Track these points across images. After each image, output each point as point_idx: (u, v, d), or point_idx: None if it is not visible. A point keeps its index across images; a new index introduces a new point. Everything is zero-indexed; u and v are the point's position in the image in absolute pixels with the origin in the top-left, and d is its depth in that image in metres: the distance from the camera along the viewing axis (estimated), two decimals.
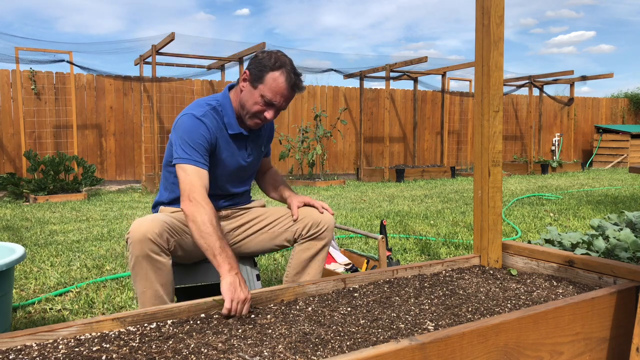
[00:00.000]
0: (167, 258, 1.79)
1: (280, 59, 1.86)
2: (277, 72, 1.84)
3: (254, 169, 2.14)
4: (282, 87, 1.85)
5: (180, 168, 1.83)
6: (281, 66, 1.85)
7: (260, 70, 1.85)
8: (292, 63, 1.90)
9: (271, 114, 1.90)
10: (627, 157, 12.65)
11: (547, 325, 1.45)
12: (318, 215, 2.02)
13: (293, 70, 1.87)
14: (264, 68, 1.85)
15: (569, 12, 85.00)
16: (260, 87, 1.85)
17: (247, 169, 2.08)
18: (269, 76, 1.84)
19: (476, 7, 2.06)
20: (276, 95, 1.86)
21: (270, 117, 1.90)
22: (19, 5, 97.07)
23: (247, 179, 2.14)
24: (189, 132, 1.85)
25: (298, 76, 1.89)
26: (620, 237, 2.73)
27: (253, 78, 1.87)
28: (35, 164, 6.87)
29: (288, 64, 1.87)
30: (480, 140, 2.09)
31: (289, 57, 1.91)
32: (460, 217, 5.12)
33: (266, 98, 1.86)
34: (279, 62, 1.85)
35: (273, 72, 1.84)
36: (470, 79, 11.35)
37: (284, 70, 1.85)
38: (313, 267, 2.01)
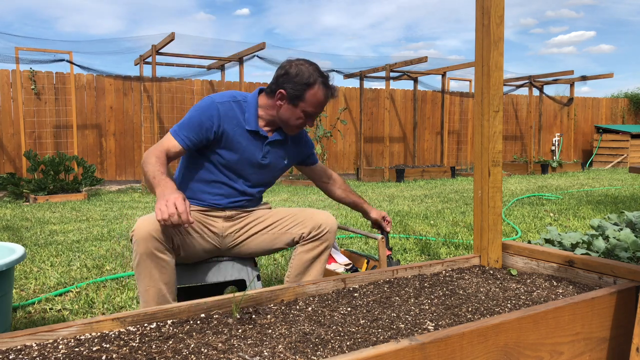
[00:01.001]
0: (170, 256, 1.80)
1: (312, 74, 1.94)
2: (314, 87, 1.94)
3: (270, 175, 2.13)
4: (322, 100, 1.98)
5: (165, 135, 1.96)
6: (316, 80, 1.94)
7: (297, 89, 1.94)
8: (319, 69, 1.98)
9: (311, 122, 2.04)
10: (627, 157, 12.65)
11: (547, 325, 1.45)
12: (320, 217, 2.01)
13: (325, 79, 1.97)
14: (302, 86, 1.93)
15: (569, 12, 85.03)
16: (301, 104, 1.95)
17: (261, 171, 2.07)
18: (308, 94, 1.94)
19: (476, 7, 2.06)
20: (317, 107, 1.99)
21: (310, 125, 2.07)
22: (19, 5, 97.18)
23: (261, 182, 2.11)
24: (197, 110, 1.95)
25: (329, 81, 1.99)
26: (620, 237, 2.73)
27: (291, 97, 1.95)
28: (35, 164, 6.87)
29: (319, 75, 1.95)
30: (480, 140, 2.09)
31: (314, 65, 1.98)
32: (460, 217, 5.12)
33: (308, 112, 1.98)
34: (312, 76, 1.94)
35: (311, 89, 1.94)
36: (470, 79, 11.36)
37: (320, 84, 1.95)
38: (314, 269, 2.00)
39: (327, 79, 1.98)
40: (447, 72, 10.77)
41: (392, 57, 11.18)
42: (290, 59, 1.99)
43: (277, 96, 1.97)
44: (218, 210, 2.04)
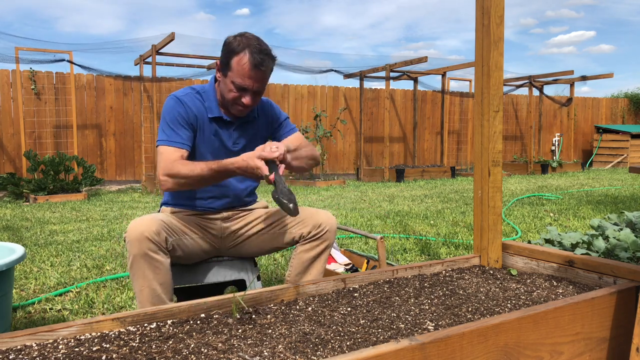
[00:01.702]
0: (165, 257, 1.79)
1: (243, 41, 1.82)
2: (240, 54, 1.80)
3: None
4: (247, 69, 1.81)
5: (158, 151, 1.88)
6: (244, 48, 1.80)
7: (226, 57, 1.84)
8: (260, 41, 1.84)
9: (248, 99, 1.87)
10: (627, 157, 12.65)
11: (547, 325, 1.45)
12: (320, 216, 1.99)
13: (258, 49, 1.81)
14: (229, 54, 1.83)
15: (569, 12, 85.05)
16: (229, 74, 1.84)
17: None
18: (233, 61, 1.82)
19: (476, 7, 2.06)
20: (245, 78, 1.82)
21: (248, 102, 1.87)
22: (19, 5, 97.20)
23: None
24: (169, 112, 1.90)
25: (264, 54, 1.82)
26: (620, 237, 2.73)
27: (222, 66, 1.87)
28: (35, 164, 6.87)
29: (253, 44, 1.81)
30: (480, 140, 2.09)
31: (255, 38, 1.85)
32: (460, 217, 5.12)
33: (236, 84, 1.83)
34: (242, 44, 1.81)
35: (237, 56, 1.81)
36: (470, 79, 11.35)
37: (246, 52, 1.80)
38: (315, 269, 2.00)
39: (261, 48, 1.82)
40: (447, 72, 10.77)
41: (392, 57, 11.18)
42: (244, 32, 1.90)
43: (216, 67, 1.92)
44: (214, 212, 2.03)
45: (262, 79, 1.86)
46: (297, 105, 10.40)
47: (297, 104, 10.41)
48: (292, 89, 10.39)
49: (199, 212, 2.02)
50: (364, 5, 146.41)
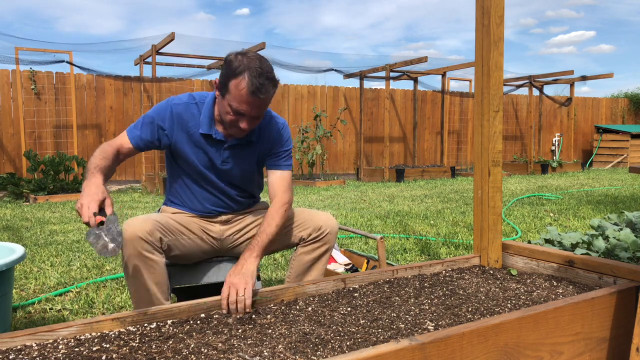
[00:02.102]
0: (159, 256, 1.79)
1: (243, 63, 1.70)
2: (238, 78, 1.69)
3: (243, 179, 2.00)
4: (244, 94, 1.70)
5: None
6: (243, 71, 1.69)
7: (224, 78, 1.74)
8: (262, 63, 1.72)
9: (245, 124, 1.77)
10: (627, 157, 12.65)
11: (547, 325, 1.45)
12: (320, 219, 1.97)
13: (259, 72, 1.69)
14: (227, 75, 1.72)
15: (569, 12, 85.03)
16: (227, 96, 1.74)
17: (229, 176, 1.97)
18: (232, 84, 1.71)
19: (476, 7, 2.06)
20: (241, 104, 1.72)
21: (245, 127, 1.77)
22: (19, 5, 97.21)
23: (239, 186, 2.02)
24: (155, 111, 1.89)
25: (265, 79, 1.70)
26: (620, 237, 2.73)
27: (220, 86, 1.77)
28: (35, 164, 6.87)
29: (253, 67, 1.69)
30: (480, 140, 2.09)
31: (257, 59, 1.73)
32: (460, 217, 5.12)
33: (233, 108, 1.74)
34: (242, 66, 1.70)
35: (235, 79, 1.70)
36: (470, 79, 11.35)
37: (245, 76, 1.68)
38: (315, 271, 1.99)
39: (261, 72, 1.69)
40: (447, 72, 10.77)
41: (392, 57, 11.17)
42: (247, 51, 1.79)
43: (215, 86, 1.82)
44: (214, 216, 2.03)
45: (260, 105, 1.75)
46: (297, 105, 10.40)
47: (297, 104, 10.41)
48: (292, 89, 10.39)
49: (198, 215, 2.01)
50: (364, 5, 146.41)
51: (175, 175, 2.01)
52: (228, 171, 1.95)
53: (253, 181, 2.07)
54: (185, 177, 1.97)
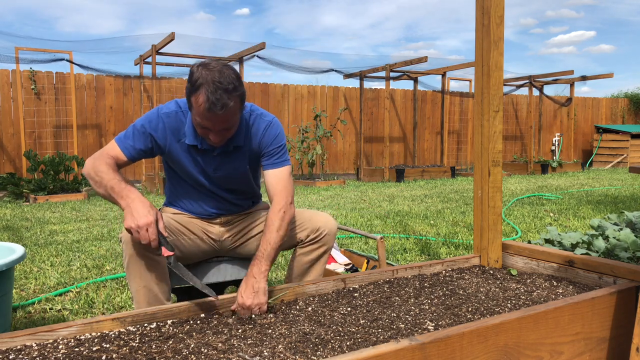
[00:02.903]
0: (161, 256, 1.79)
1: (202, 76, 1.62)
2: (197, 93, 1.62)
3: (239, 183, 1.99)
4: (202, 111, 1.63)
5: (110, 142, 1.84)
6: (200, 85, 1.61)
7: (187, 92, 1.69)
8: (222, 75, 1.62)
9: (214, 137, 1.72)
10: (627, 157, 12.66)
11: (547, 325, 1.45)
12: (319, 220, 1.96)
13: (215, 87, 1.60)
14: (189, 90, 1.66)
15: (569, 12, 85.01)
16: (192, 111, 1.70)
17: (223, 181, 1.95)
18: (192, 99, 1.66)
19: (476, 7, 2.06)
20: (203, 119, 1.66)
21: (215, 139, 1.73)
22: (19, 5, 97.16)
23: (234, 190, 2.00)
24: (145, 119, 1.84)
25: (223, 91, 1.61)
26: (620, 237, 2.73)
27: (188, 101, 1.71)
28: (35, 164, 6.87)
29: (210, 81, 1.60)
30: (480, 140, 2.09)
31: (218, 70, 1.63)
32: (460, 217, 5.12)
33: (198, 122, 1.69)
34: (200, 79, 1.61)
35: (194, 95, 1.64)
36: (470, 79, 11.35)
37: (202, 91, 1.61)
38: (314, 272, 1.98)
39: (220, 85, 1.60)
40: (447, 72, 10.77)
41: (392, 57, 11.17)
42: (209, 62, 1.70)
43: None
44: (213, 218, 2.02)
45: (222, 120, 1.67)
46: (297, 105, 10.40)
47: (297, 104, 10.40)
48: (292, 89, 10.39)
49: (198, 216, 2.01)
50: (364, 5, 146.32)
51: (173, 179, 2.01)
52: (221, 178, 1.93)
53: (249, 183, 2.04)
54: (183, 182, 1.97)
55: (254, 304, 1.60)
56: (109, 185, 1.67)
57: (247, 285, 1.63)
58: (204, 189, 1.96)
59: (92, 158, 1.77)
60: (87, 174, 1.75)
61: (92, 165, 1.74)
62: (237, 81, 1.67)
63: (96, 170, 1.72)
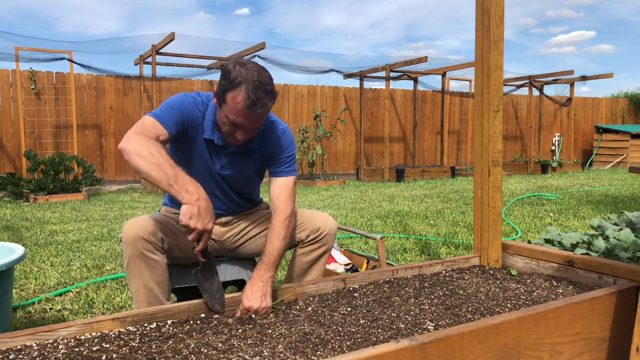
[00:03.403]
0: (161, 256, 1.79)
1: (241, 74, 1.65)
2: (235, 90, 1.65)
3: (243, 184, 2.00)
4: (240, 108, 1.66)
5: (142, 119, 1.73)
6: (240, 83, 1.64)
7: (221, 89, 1.70)
8: (261, 75, 1.67)
9: (242, 135, 1.75)
10: (627, 157, 12.65)
11: (547, 325, 1.45)
12: (318, 220, 1.96)
13: (256, 86, 1.64)
14: (225, 86, 1.68)
15: (569, 12, 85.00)
16: (224, 107, 1.70)
17: (228, 181, 1.95)
18: (228, 96, 1.67)
19: (476, 7, 2.06)
20: (237, 116, 1.68)
21: (242, 137, 1.75)
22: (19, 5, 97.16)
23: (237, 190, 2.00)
24: (174, 100, 1.79)
25: (262, 92, 1.65)
26: (620, 237, 2.73)
27: (218, 97, 1.73)
28: (35, 164, 6.87)
29: (250, 79, 1.64)
30: (480, 140, 2.09)
31: (256, 70, 1.68)
32: (460, 217, 5.12)
33: (230, 119, 1.71)
34: (240, 77, 1.65)
35: (232, 92, 1.66)
36: (470, 79, 11.35)
37: (242, 89, 1.64)
38: (314, 272, 1.99)
39: (259, 85, 1.64)
40: (447, 72, 10.77)
41: (392, 57, 11.18)
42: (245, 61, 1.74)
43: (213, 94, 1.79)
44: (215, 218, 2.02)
45: (257, 119, 1.72)
46: (297, 105, 10.40)
47: (297, 104, 10.40)
48: (292, 89, 10.39)
49: None
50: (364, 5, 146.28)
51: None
52: (227, 176, 1.93)
53: (253, 186, 2.06)
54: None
55: (261, 308, 1.61)
56: (171, 173, 1.58)
57: (253, 290, 1.64)
58: (207, 186, 1.95)
59: (139, 134, 1.65)
60: (137, 152, 1.60)
61: (143, 143, 1.61)
62: (272, 82, 1.72)
63: (150, 150, 1.59)
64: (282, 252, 1.79)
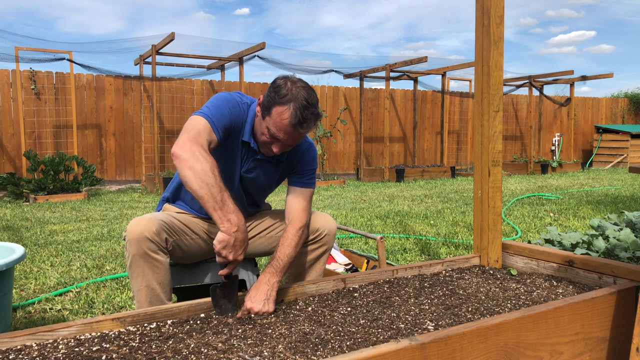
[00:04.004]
0: (164, 257, 1.79)
1: (292, 92, 1.70)
2: (284, 106, 1.69)
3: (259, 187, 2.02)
4: (285, 124, 1.70)
5: (192, 119, 1.71)
6: (289, 101, 1.69)
7: (269, 101, 1.73)
8: (309, 95, 1.72)
9: (278, 149, 1.78)
10: (627, 157, 12.66)
11: (547, 325, 1.45)
12: (318, 220, 1.97)
13: (304, 105, 1.69)
14: (273, 99, 1.71)
15: (569, 11, 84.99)
16: (267, 119, 1.74)
17: (248, 184, 1.97)
18: (274, 110, 1.70)
19: (476, 7, 2.06)
20: (279, 131, 1.72)
21: (277, 151, 1.78)
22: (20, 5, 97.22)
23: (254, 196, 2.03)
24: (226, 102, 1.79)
25: (310, 113, 1.71)
26: (620, 237, 2.74)
27: (263, 107, 1.76)
28: (35, 164, 6.87)
29: (299, 99, 1.69)
30: (480, 140, 2.09)
31: (305, 90, 1.72)
32: (460, 217, 5.12)
33: (271, 132, 1.74)
34: (290, 95, 1.69)
35: (279, 107, 1.69)
36: (470, 79, 11.35)
37: (291, 106, 1.68)
38: (314, 272, 1.99)
39: (307, 105, 1.69)
40: (447, 72, 10.77)
41: (392, 57, 11.18)
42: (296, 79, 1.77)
43: (257, 102, 1.83)
44: None
45: (298, 137, 1.77)
46: None
47: None
48: None
49: (202, 216, 2.01)
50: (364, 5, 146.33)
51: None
52: (248, 180, 1.95)
53: (265, 193, 2.10)
54: None
55: (262, 311, 1.62)
56: (219, 198, 1.57)
57: (258, 292, 1.65)
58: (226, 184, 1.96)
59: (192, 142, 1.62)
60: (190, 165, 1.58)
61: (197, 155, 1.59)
62: (318, 104, 1.77)
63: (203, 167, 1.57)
64: (291, 260, 1.80)
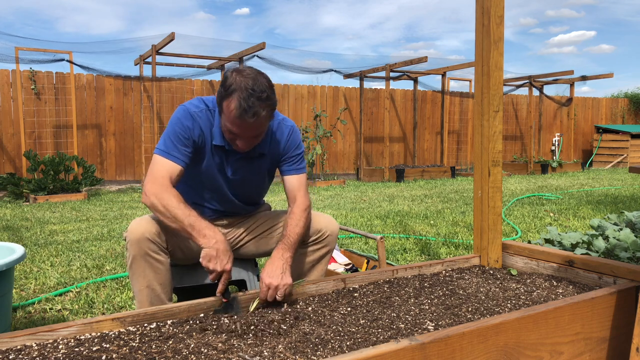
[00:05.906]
0: (165, 257, 1.79)
1: (236, 82, 1.63)
2: (229, 99, 1.64)
3: (250, 186, 2.00)
4: (233, 116, 1.64)
5: (153, 159, 1.78)
6: (234, 91, 1.62)
7: (219, 97, 1.69)
8: (256, 82, 1.64)
9: (242, 144, 1.73)
10: (627, 157, 12.65)
11: (547, 325, 1.45)
12: (320, 221, 1.96)
13: (249, 94, 1.61)
14: (221, 94, 1.67)
15: (569, 11, 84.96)
16: (222, 115, 1.71)
17: (237, 185, 1.96)
18: (224, 104, 1.66)
19: (476, 7, 2.06)
20: (233, 125, 1.67)
21: (242, 146, 1.74)
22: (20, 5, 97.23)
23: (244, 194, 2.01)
24: (176, 123, 1.78)
25: (255, 99, 1.62)
26: (620, 237, 2.74)
27: (218, 104, 1.73)
28: (35, 164, 6.87)
29: (243, 87, 1.61)
30: (480, 140, 2.09)
31: (252, 78, 1.64)
32: (460, 217, 5.12)
33: (227, 127, 1.70)
34: (234, 85, 1.63)
35: (227, 100, 1.65)
36: (470, 79, 11.35)
37: (235, 97, 1.62)
38: (315, 272, 1.99)
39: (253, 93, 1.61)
40: (447, 72, 10.77)
41: (392, 57, 11.18)
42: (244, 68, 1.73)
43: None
44: (216, 219, 2.02)
45: (252, 128, 1.68)
46: (297, 105, 10.40)
47: (297, 104, 10.40)
48: (292, 89, 10.39)
49: (201, 217, 2.01)
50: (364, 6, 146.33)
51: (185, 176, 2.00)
52: (237, 181, 1.94)
53: (261, 190, 2.08)
54: (193, 181, 1.96)
55: (281, 284, 1.64)
56: (186, 223, 1.65)
57: (273, 267, 1.68)
58: (215, 190, 1.96)
59: (153, 185, 1.70)
60: (154, 207, 1.69)
61: (158, 199, 1.68)
62: (269, 90, 1.68)
63: (165, 206, 1.67)
64: (300, 238, 1.83)
